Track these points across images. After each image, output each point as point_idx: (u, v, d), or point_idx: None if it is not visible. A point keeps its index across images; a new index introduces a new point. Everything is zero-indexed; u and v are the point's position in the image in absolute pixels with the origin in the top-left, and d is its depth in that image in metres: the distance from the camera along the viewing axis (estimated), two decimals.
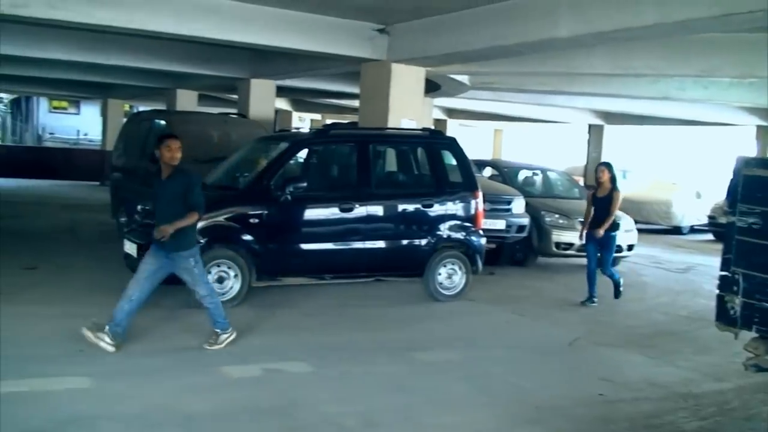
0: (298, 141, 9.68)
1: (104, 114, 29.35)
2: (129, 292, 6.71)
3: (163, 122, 13.06)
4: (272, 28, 11.27)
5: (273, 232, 8.69)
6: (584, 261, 12.71)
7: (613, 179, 9.87)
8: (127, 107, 31.49)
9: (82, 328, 6.55)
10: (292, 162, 9.52)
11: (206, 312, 7.00)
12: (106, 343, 6.50)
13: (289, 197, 8.67)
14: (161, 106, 23.13)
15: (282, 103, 26.96)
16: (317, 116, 33.70)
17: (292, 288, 9.39)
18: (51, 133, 37.42)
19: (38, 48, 14.93)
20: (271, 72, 16.26)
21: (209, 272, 8.26)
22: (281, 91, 18.49)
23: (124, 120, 22.61)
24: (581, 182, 20.31)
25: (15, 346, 6.58)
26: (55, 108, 38.07)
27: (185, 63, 16.17)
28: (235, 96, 18.65)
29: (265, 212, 8.63)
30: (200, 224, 8.20)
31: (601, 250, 9.93)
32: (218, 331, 6.93)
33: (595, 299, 10.01)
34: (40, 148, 33.79)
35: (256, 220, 8.60)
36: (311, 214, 9.08)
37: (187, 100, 21.52)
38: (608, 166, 10.04)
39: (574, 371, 7.06)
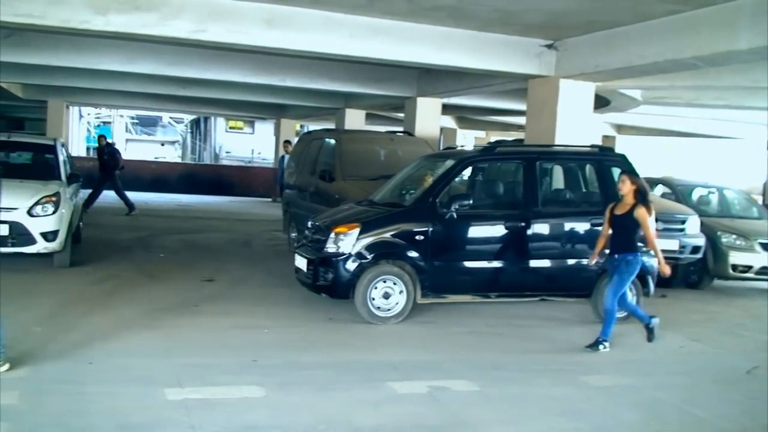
0: (464, 158, 9.69)
1: (277, 133, 30.50)
2: None
3: (332, 141, 13.43)
4: (440, 47, 11.37)
5: (438, 248, 8.73)
6: (765, 285, 12.03)
7: (639, 192, 7.88)
8: (298, 126, 32.57)
9: None
10: (457, 179, 9.54)
11: None
12: None
13: (454, 214, 8.71)
14: (330, 125, 23.79)
15: (446, 121, 27.11)
16: (482, 133, 33.65)
17: (456, 305, 9.39)
18: (227, 152, 39.29)
19: (216, 71, 15.74)
20: (437, 90, 16.40)
21: (375, 287, 8.43)
22: (446, 109, 18.62)
23: (296, 139, 23.40)
24: (760, 201, 19.22)
25: (195, 354, 6.96)
26: (231, 128, 39.96)
27: (355, 83, 16.60)
28: (402, 114, 18.93)
29: (431, 229, 8.69)
30: (367, 240, 8.45)
31: (614, 274, 7.95)
32: None
33: (605, 343, 7.87)
34: (217, 166, 35.51)
35: (422, 237, 8.67)
36: (476, 231, 9.07)
37: (355, 119, 22.04)
38: (631, 174, 8.02)
39: (754, 401, 6.66)
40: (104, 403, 5.52)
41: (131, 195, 19.87)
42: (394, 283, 8.50)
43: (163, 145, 52.47)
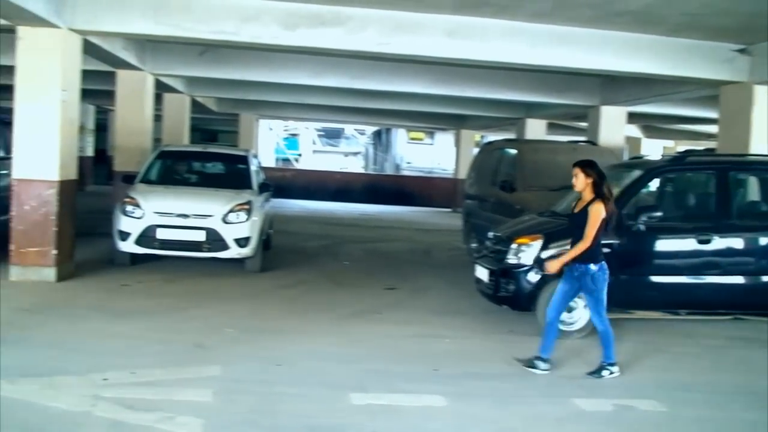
0: (652, 168, 9.35)
1: (457, 144, 30.64)
2: None
3: (513, 151, 13.34)
4: (624, 53, 11.03)
5: (624, 262, 8.43)
6: None
7: (596, 185, 6.92)
8: (478, 137, 32.57)
9: None
10: (645, 190, 9.22)
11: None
12: None
13: (642, 227, 8.42)
14: (510, 136, 23.64)
15: (631, 130, 26.26)
16: (669, 143, 32.36)
17: (643, 321, 9.05)
18: (408, 163, 39.84)
19: (398, 82, 15.99)
20: (622, 98, 15.91)
21: None
22: (631, 117, 18.06)
23: (476, 149, 23.41)
24: None
25: (378, 361, 7.10)
26: (412, 139, 40.49)
27: (535, 92, 16.41)
28: (584, 123, 18.53)
29: (617, 242, 8.43)
30: (550, 252, 8.31)
31: (585, 294, 7.02)
32: None
33: (543, 363, 6.97)
34: (398, 177, 36.10)
35: (607, 250, 8.40)
36: (665, 245, 8.73)
37: (536, 128, 21.77)
38: (587, 165, 7.03)
39: None
40: (292, 405, 5.73)
41: (316, 204, 20.50)
42: (578, 297, 8.32)
43: (346, 156, 53.89)
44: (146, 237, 10.63)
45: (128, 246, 10.75)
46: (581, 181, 6.96)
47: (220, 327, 7.99)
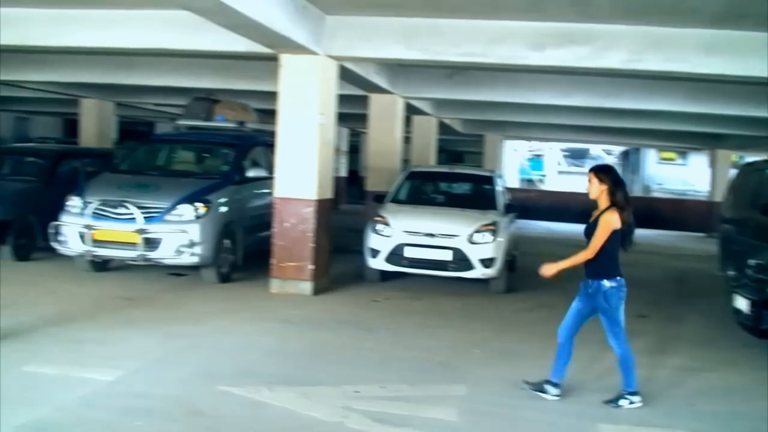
0: None
1: (712, 164, 29.01)
2: None
3: None
4: None
5: None
6: None
7: (612, 192, 6.36)
8: (735, 157, 30.64)
9: None
10: None
11: None
12: None
13: None
14: None
15: None
16: None
17: None
18: (658, 184, 38.24)
19: (649, 101, 15.37)
20: None
21: None
22: None
23: (733, 170, 22.02)
24: None
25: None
26: (663, 159, 38.83)
27: None
28: None
29: None
30: None
31: (600, 314, 6.42)
32: None
33: (553, 388, 6.36)
34: (648, 198, 34.72)
35: None
36: None
37: None
38: (601, 171, 6.53)
39: None
40: (538, 431, 5.66)
41: (561, 226, 20.21)
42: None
43: None
44: (395, 255, 10.97)
45: (378, 263, 11.15)
46: (595, 188, 6.44)
47: (465, 346, 8.07)
